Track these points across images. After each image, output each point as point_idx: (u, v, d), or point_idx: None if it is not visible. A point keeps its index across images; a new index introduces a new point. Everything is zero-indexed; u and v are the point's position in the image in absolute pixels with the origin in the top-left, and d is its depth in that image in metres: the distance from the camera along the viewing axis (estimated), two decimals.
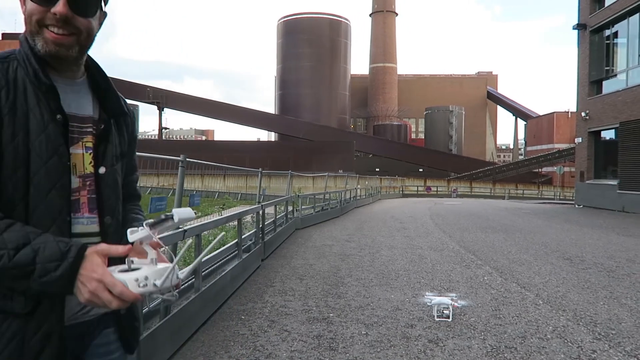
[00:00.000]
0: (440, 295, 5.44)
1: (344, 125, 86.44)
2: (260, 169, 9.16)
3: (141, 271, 0.99)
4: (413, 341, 4.11)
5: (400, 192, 46.11)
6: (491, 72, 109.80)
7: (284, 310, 5.00)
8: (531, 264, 7.81)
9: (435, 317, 4.75)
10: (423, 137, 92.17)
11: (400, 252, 8.98)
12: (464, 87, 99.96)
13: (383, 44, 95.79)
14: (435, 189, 51.26)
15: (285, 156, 59.67)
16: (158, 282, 0.99)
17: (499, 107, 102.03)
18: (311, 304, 5.23)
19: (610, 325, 4.60)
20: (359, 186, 26.15)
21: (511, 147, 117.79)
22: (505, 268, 7.44)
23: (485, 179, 61.07)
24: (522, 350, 3.92)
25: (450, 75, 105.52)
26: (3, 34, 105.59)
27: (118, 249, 1.03)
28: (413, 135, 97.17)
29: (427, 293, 5.73)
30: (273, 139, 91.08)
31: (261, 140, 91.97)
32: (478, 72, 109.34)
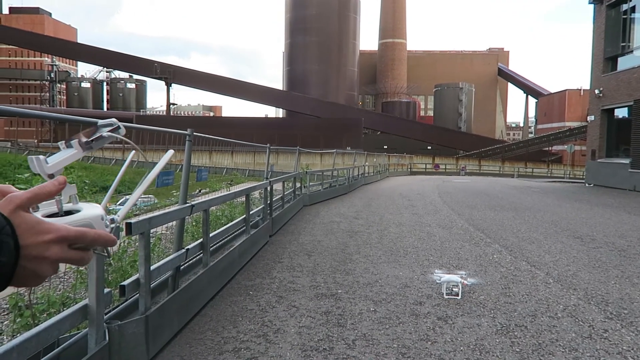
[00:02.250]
0: (450, 273, 5.40)
1: (352, 102, 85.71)
2: (268, 145, 9.08)
3: (89, 210, 0.71)
4: (422, 318, 4.09)
5: (409, 169, 45.91)
6: (502, 49, 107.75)
7: (292, 286, 4.99)
8: (541, 242, 7.74)
9: (445, 294, 4.72)
10: (432, 115, 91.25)
11: (408, 229, 8.93)
12: (474, 63, 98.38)
13: (392, 20, 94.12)
14: (444, 167, 50.98)
15: (293, 133, 59.42)
16: (120, 217, 0.77)
17: (509, 84, 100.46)
18: (319, 280, 5.22)
19: (622, 305, 4.55)
20: (367, 163, 26.02)
21: (521, 125, 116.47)
22: (515, 246, 7.38)
23: (495, 157, 60.57)
24: (533, 329, 3.89)
25: (461, 51, 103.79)
26: (10, 8, 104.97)
27: (44, 189, 0.67)
28: (422, 113, 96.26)
29: (436, 270, 5.69)
30: (281, 116, 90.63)
31: (269, 116, 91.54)
32: (489, 49, 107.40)
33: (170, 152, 1.01)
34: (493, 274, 5.62)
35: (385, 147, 65.13)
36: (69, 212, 0.70)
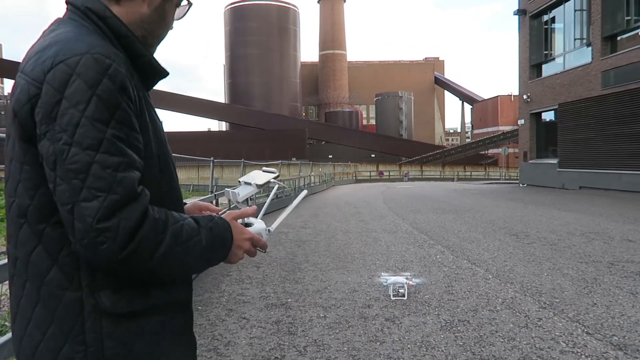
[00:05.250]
0: (396, 275, 5.56)
1: (296, 113, 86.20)
2: (212, 158, 9.00)
3: (259, 225, 1.18)
4: (370, 320, 4.19)
5: (354, 177, 46.64)
6: (438, 58, 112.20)
7: (241, 298, 4.97)
8: (480, 241, 8.11)
9: (392, 296, 4.85)
10: (374, 123, 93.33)
11: (355, 235, 9.10)
12: (412, 72, 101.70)
13: (332, 31, 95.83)
14: (388, 174, 52.18)
15: (238, 146, 58.94)
16: (272, 230, 1.22)
17: (446, 92, 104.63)
18: (269, 291, 5.22)
19: (554, 295, 4.86)
20: (312, 173, 26.22)
21: (459, 130, 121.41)
22: (456, 246, 7.69)
23: (435, 162, 62.71)
24: (474, 323, 4.08)
25: (399, 61, 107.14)
26: None
27: (247, 211, 1.16)
28: (364, 122, 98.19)
29: (382, 273, 5.84)
30: (224, 129, 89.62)
31: (212, 130, 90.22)
32: (425, 58, 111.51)
33: (305, 191, 1.73)
34: (437, 274, 5.85)
35: (330, 156, 65.89)
36: (248, 224, 1.16)
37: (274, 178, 1.34)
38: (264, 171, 1.36)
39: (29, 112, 0.89)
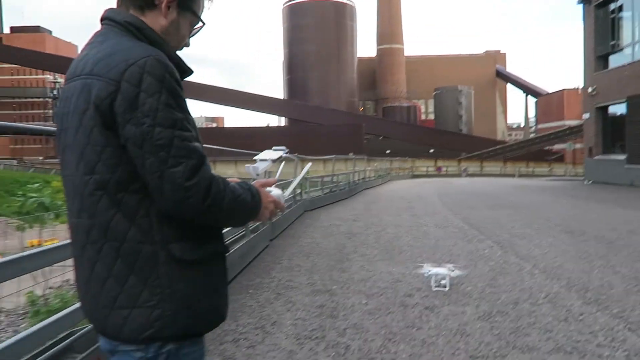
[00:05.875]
0: (438, 267, 5.67)
1: (353, 108, 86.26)
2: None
3: (277, 191, 1.44)
4: (410, 308, 4.37)
5: (410, 173, 46.19)
6: (499, 51, 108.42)
7: (289, 284, 5.29)
8: (532, 237, 8.00)
9: (433, 287, 4.99)
10: (433, 118, 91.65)
11: (405, 229, 9.21)
12: (472, 66, 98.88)
13: (389, 25, 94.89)
14: (446, 169, 51.24)
15: (295, 140, 59.80)
16: (286, 196, 1.50)
17: (508, 85, 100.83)
18: (316, 278, 5.51)
19: (601, 291, 4.81)
20: (368, 168, 26.33)
21: (522, 125, 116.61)
22: (507, 242, 7.64)
23: (496, 158, 60.81)
24: (513, 314, 4.16)
25: (458, 55, 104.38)
26: (11, 28, 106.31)
27: (269, 181, 1.44)
28: (423, 116, 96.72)
29: (425, 264, 5.97)
30: (282, 124, 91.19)
31: (271, 125, 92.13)
32: (486, 51, 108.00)
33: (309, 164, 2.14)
34: (482, 268, 5.89)
35: (388, 151, 65.45)
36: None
37: (285, 153, 1.70)
38: (274, 150, 1.71)
39: (108, 105, 1.15)
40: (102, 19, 1.32)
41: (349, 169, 23.53)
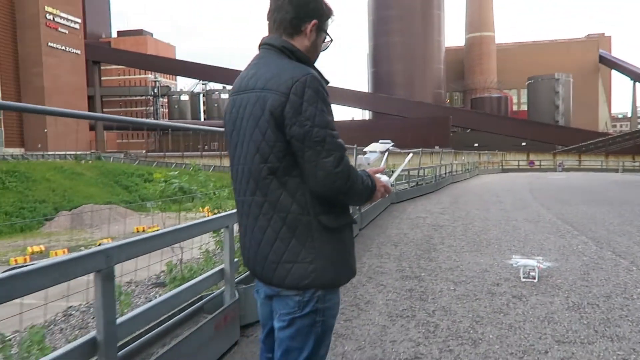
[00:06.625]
0: (527, 259, 5.72)
1: (440, 100, 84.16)
2: (355, 146, 9.76)
3: (385, 177, 1.77)
4: (497, 296, 4.53)
5: (500, 167, 44.41)
6: (603, 34, 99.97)
7: (379, 269, 5.63)
8: (632, 234, 7.66)
9: (522, 278, 5.09)
10: (526, 109, 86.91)
11: (493, 223, 9.17)
12: (571, 52, 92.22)
13: (479, 13, 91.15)
14: (539, 163, 48.58)
15: (380, 134, 59.58)
16: (391, 181, 1.85)
17: (613, 72, 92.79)
18: (404, 265, 5.80)
19: None
20: (455, 162, 25.85)
21: (629, 115, 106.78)
22: (603, 238, 7.40)
23: (597, 151, 56.51)
24: (604, 307, 4.18)
25: (556, 40, 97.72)
26: (118, 32, 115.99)
27: (380, 169, 1.82)
28: (515, 107, 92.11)
29: (513, 256, 6.03)
30: (367, 118, 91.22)
31: (355, 119, 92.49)
32: (588, 35, 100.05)
33: (410, 155, 2.69)
34: (574, 262, 5.84)
35: (476, 144, 63.31)
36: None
37: (392, 146, 2.06)
38: (380, 143, 2.07)
39: (280, 112, 1.55)
40: (261, 44, 1.74)
41: (435, 162, 23.30)
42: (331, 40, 1.80)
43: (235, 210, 2.92)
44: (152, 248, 2.58)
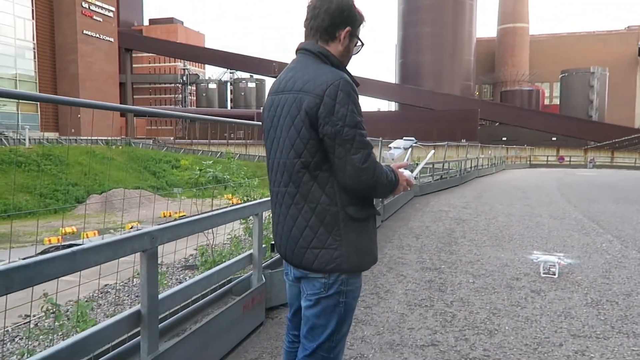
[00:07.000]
0: (548, 254, 5.77)
1: (468, 93, 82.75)
2: (380, 139, 9.86)
3: (407, 172, 1.92)
4: (516, 290, 4.63)
5: (528, 162, 43.68)
6: None
7: (400, 260, 5.77)
8: None
9: (542, 273, 5.16)
10: (558, 103, 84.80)
11: (517, 219, 9.17)
12: (608, 44, 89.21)
13: (513, 3, 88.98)
14: (569, 159, 47.55)
15: (406, 126, 59.31)
16: (414, 175, 1.98)
17: None
18: (425, 257, 5.93)
19: None
20: (481, 156, 25.60)
21: None
22: (629, 237, 7.36)
23: (632, 148, 54.88)
24: (623, 305, 4.24)
25: (593, 32, 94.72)
26: (150, 20, 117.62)
27: (403, 164, 1.97)
28: (547, 101, 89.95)
29: (534, 251, 6.08)
30: (393, 109, 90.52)
31: (381, 110, 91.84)
32: (628, 27, 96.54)
33: (432, 151, 2.74)
34: (596, 260, 5.86)
35: (504, 138, 62.23)
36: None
37: (415, 143, 2.24)
38: (404, 139, 2.23)
39: (315, 112, 1.71)
40: (299, 49, 1.91)
41: (461, 156, 23.10)
42: (362, 44, 1.95)
43: (265, 199, 3.18)
44: (192, 231, 2.80)
